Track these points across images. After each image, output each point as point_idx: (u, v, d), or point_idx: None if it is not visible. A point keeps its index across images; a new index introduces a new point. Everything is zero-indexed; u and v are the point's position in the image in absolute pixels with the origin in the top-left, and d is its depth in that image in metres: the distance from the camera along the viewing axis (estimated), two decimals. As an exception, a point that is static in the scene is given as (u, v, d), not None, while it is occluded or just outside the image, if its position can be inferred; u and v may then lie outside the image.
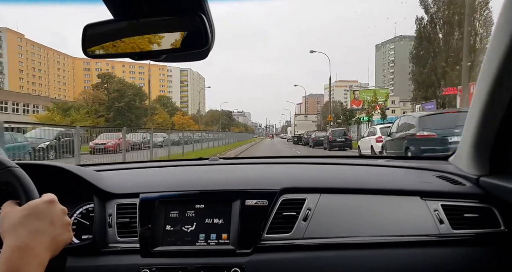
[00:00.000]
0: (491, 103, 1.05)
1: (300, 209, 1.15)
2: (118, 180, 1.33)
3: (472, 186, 1.22)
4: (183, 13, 0.76)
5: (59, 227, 0.68)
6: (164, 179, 1.36)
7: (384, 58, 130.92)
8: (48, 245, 0.65)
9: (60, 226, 0.69)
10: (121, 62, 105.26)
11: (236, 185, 1.22)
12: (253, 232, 1.10)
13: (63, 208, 0.72)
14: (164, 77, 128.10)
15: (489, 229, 1.10)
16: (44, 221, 0.66)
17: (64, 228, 0.70)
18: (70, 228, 0.72)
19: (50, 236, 0.66)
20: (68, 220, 0.72)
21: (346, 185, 1.25)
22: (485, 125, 1.12)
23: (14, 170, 0.74)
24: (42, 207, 0.68)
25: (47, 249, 0.65)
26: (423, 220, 1.13)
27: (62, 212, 0.71)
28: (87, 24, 0.81)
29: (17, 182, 0.73)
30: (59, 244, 0.69)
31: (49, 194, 0.72)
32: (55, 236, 0.67)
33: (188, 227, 1.12)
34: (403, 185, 1.26)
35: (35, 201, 0.69)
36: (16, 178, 0.74)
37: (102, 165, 1.77)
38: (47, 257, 0.65)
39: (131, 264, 1.08)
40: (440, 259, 1.07)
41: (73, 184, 1.20)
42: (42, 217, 0.66)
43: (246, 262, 1.06)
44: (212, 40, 0.77)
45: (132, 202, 1.19)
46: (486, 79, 1.04)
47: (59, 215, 0.70)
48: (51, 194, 0.73)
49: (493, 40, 0.99)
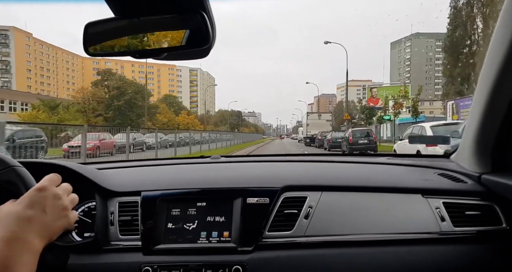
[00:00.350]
0: (493, 101, 1.06)
1: (302, 207, 1.17)
2: (120, 178, 1.36)
3: (474, 183, 1.23)
4: (184, 11, 0.77)
5: (52, 213, 0.68)
6: (166, 177, 1.39)
7: (399, 56, 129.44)
8: (40, 232, 0.65)
9: (54, 212, 0.69)
10: (130, 62, 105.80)
11: (238, 183, 1.24)
12: (254, 230, 1.12)
13: (56, 193, 0.71)
14: (174, 77, 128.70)
15: (491, 227, 1.12)
16: (35, 209, 0.66)
17: (58, 214, 0.70)
18: (67, 212, 0.72)
19: (41, 223, 0.66)
20: (64, 204, 0.71)
21: (348, 183, 1.27)
22: (487, 122, 1.13)
23: (17, 169, 0.76)
24: (33, 195, 0.68)
25: (39, 237, 0.65)
26: (425, 218, 1.14)
27: (55, 197, 0.70)
28: (88, 23, 0.83)
29: (20, 181, 0.75)
30: (54, 230, 0.69)
31: (44, 180, 0.72)
32: (48, 222, 0.67)
33: (190, 225, 1.14)
34: (405, 182, 1.28)
35: (28, 192, 0.69)
36: (19, 177, 0.76)
37: (104, 163, 1.80)
38: (40, 245, 0.64)
39: (133, 262, 1.10)
40: (441, 256, 1.08)
41: (75, 182, 1.23)
42: (32, 205, 0.66)
43: (248, 260, 1.08)
44: (213, 38, 0.78)
45: (134, 200, 1.21)
46: (488, 76, 1.05)
47: (52, 201, 0.69)
48: (47, 179, 0.73)
49: (494, 39, 1.00)
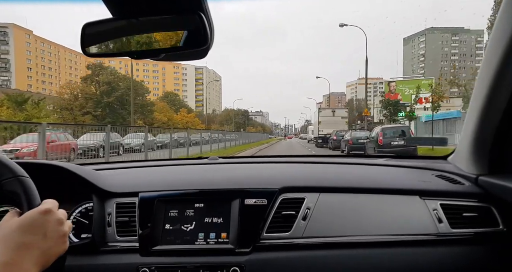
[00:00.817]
0: (490, 102, 1.08)
1: (299, 208, 1.18)
2: (117, 179, 1.38)
3: (471, 185, 1.25)
4: (182, 12, 0.79)
5: (52, 239, 0.68)
6: (164, 178, 1.41)
7: (413, 51, 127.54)
8: (37, 260, 0.65)
9: (54, 238, 0.69)
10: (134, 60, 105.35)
11: (236, 184, 1.26)
12: (252, 231, 1.14)
13: (60, 218, 0.71)
14: (179, 75, 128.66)
15: (488, 228, 1.14)
16: (37, 234, 0.66)
17: (58, 240, 0.70)
18: (66, 239, 0.73)
19: (40, 249, 0.66)
20: (64, 231, 0.72)
21: (346, 184, 1.29)
22: (484, 124, 1.14)
23: (23, 180, 0.76)
24: (36, 218, 0.68)
25: (36, 264, 0.65)
26: (422, 219, 1.16)
27: (58, 223, 0.70)
28: (86, 23, 0.84)
29: (23, 193, 0.74)
30: (51, 257, 0.69)
31: (47, 202, 0.72)
32: (46, 249, 0.67)
33: (188, 226, 1.16)
34: (402, 184, 1.30)
35: (31, 211, 0.69)
36: (23, 188, 0.75)
37: (101, 164, 1.83)
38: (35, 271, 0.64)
39: (130, 263, 1.12)
40: (439, 258, 1.10)
41: (73, 183, 1.24)
42: (34, 230, 0.66)
43: (245, 261, 1.10)
44: (212, 39, 0.80)
45: (132, 201, 1.23)
46: (485, 78, 1.06)
47: (54, 226, 0.69)
48: (50, 201, 0.73)
49: (492, 39, 1.02)
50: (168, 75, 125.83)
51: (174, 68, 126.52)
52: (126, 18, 0.82)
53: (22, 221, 0.67)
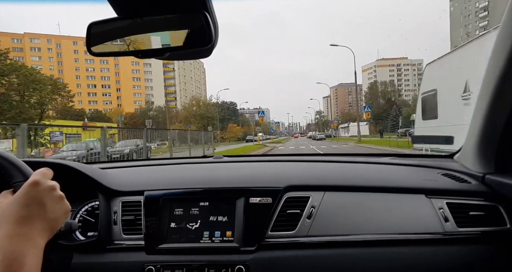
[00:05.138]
0: (497, 101, 1.11)
1: (304, 207, 1.22)
2: (123, 178, 1.43)
3: (478, 184, 1.28)
4: (187, 11, 0.81)
5: (51, 206, 0.73)
6: (169, 177, 1.46)
7: (466, 7, 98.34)
8: (42, 228, 0.70)
9: (52, 204, 0.73)
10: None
11: (240, 182, 1.30)
12: (257, 230, 1.18)
13: (50, 185, 0.75)
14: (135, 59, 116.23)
15: (495, 227, 1.16)
16: (33, 205, 0.70)
17: (56, 205, 0.74)
18: (64, 201, 0.77)
19: (42, 218, 0.70)
20: (59, 195, 0.76)
21: (351, 183, 1.32)
22: (491, 122, 1.17)
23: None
24: (28, 191, 0.72)
25: (42, 232, 0.70)
26: (428, 218, 1.19)
27: (50, 189, 0.74)
28: (91, 22, 0.87)
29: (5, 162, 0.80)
30: (56, 223, 0.74)
31: (36, 174, 0.76)
32: (48, 217, 0.72)
33: (193, 225, 1.20)
34: (408, 183, 1.33)
35: (22, 188, 0.73)
36: (3, 158, 0.81)
37: (107, 163, 1.88)
38: (43, 240, 0.70)
39: (136, 261, 1.17)
40: (445, 257, 1.13)
41: (79, 181, 1.29)
42: (29, 202, 0.70)
43: (250, 260, 1.14)
44: (216, 37, 0.83)
45: (137, 199, 1.28)
46: (492, 76, 1.09)
47: (48, 193, 0.73)
48: (38, 172, 0.76)
49: (499, 37, 1.04)
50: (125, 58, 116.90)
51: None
52: (131, 17, 0.85)
53: (16, 197, 0.71)
